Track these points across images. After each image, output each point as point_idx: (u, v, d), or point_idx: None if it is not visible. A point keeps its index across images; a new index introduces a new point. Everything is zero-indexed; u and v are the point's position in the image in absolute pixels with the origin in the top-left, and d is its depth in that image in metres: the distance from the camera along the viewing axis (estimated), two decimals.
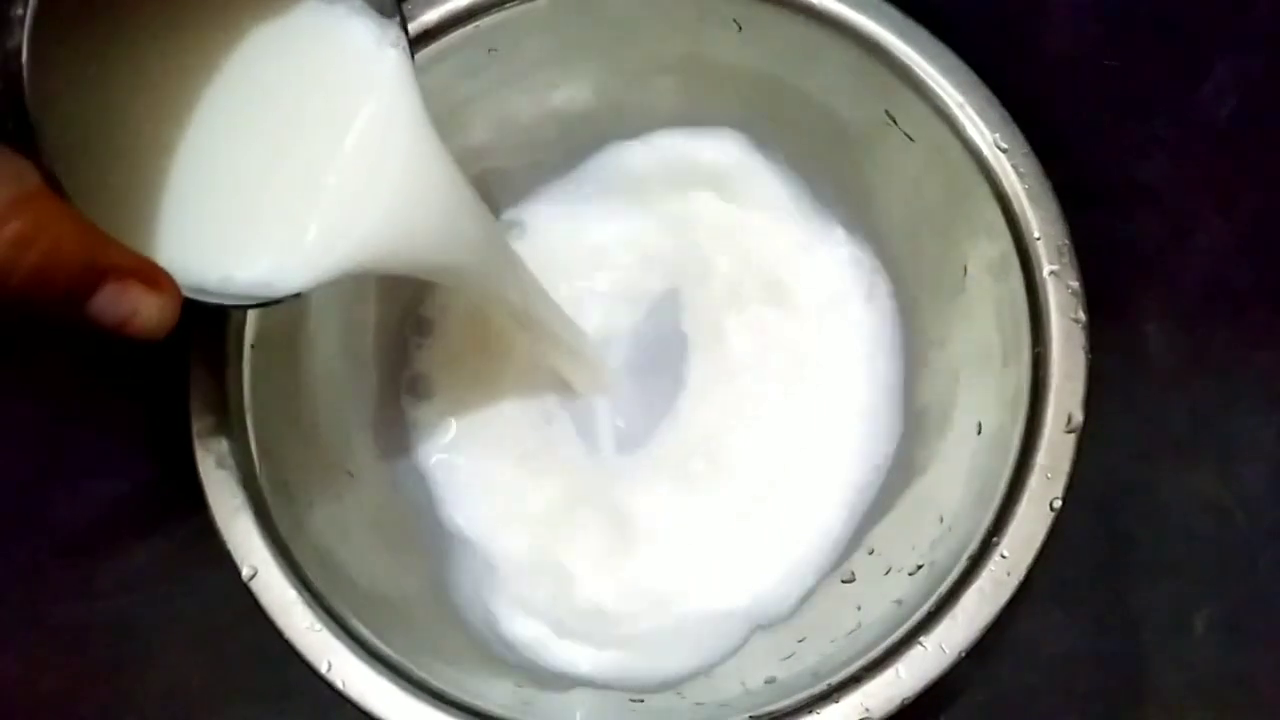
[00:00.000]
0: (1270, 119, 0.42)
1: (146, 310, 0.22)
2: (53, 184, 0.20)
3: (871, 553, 0.36)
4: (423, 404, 0.40)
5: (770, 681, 0.32)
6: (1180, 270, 0.40)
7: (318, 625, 0.30)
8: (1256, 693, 0.37)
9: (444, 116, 0.31)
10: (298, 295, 0.27)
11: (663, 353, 0.40)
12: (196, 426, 0.31)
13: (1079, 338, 0.32)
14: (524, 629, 0.36)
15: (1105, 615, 0.37)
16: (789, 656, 0.33)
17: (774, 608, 0.36)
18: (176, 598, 0.38)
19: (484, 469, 0.39)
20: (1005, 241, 0.33)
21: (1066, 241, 0.32)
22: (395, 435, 0.39)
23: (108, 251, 0.21)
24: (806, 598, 0.37)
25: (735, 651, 0.35)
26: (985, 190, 0.33)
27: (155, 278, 0.22)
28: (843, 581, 0.36)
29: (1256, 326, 0.40)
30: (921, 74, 0.34)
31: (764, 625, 0.36)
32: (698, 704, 0.32)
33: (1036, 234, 0.32)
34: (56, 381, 0.40)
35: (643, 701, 0.33)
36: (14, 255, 0.19)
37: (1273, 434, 0.39)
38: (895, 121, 0.36)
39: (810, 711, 0.29)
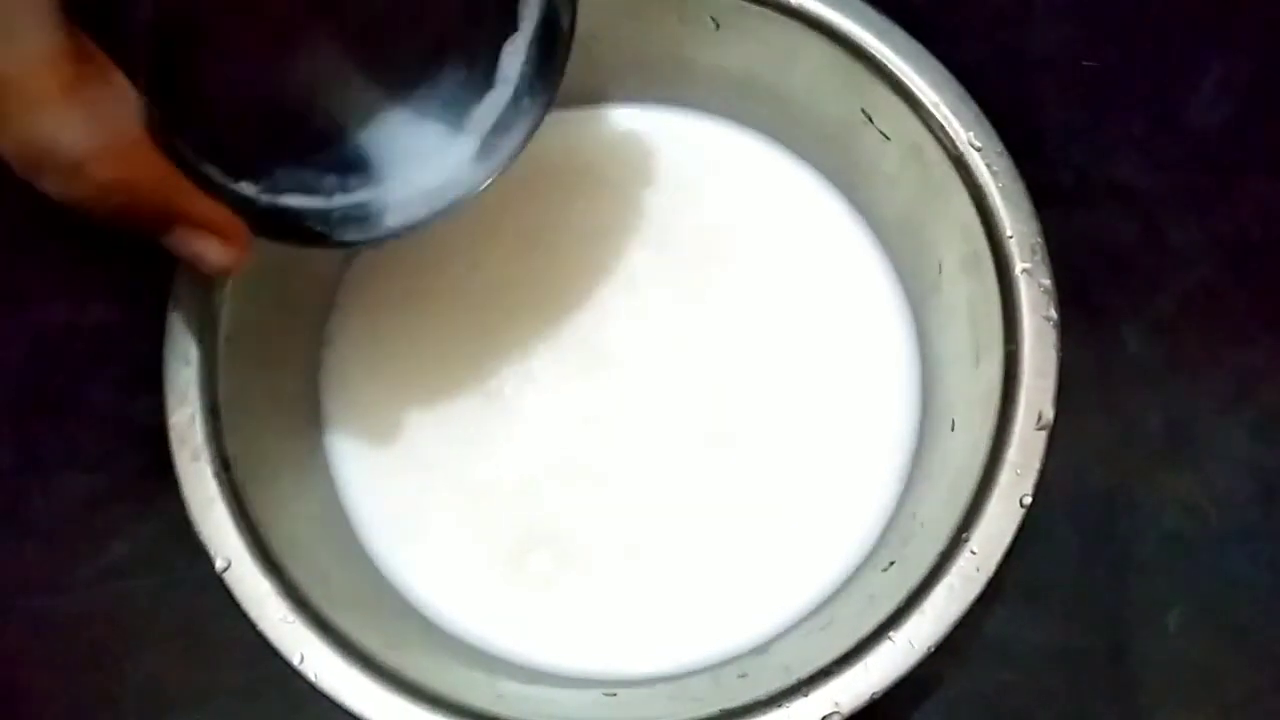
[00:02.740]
0: (1251, 122, 0.42)
1: (211, 254, 0.26)
2: (149, 119, 0.23)
3: None
4: None
5: (743, 676, 0.32)
6: (1156, 271, 0.41)
7: (291, 617, 0.30)
8: (1229, 690, 0.37)
9: None
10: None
11: (665, 343, 0.38)
12: (171, 419, 0.31)
13: (1051, 336, 0.32)
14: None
15: (1079, 613, 0.37)
16: (762, 652, 0.34)
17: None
18: (156, 590, 0.39)
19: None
20: (979, 239, 0.33)
21: (1039, 240, 0.32)
22: None
23: (181, 201, 0.25)
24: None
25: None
26: (959, 188, 0.33)
27: (224, 227, 0.26)
28: None
29: (1231, 327, 0.40)
30: (896, 72, 0.34)
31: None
32: (671, 698, 0.32)
33: (1009, 232, 0.33)
34: (33, 373, 0.40)
35: (616, 695, 0.33)
36: (101, 196, 0.23)
37: (1246, 434, 0.39)
38: (871, 120, 0.36)
39: (780, 705, 0.29)
